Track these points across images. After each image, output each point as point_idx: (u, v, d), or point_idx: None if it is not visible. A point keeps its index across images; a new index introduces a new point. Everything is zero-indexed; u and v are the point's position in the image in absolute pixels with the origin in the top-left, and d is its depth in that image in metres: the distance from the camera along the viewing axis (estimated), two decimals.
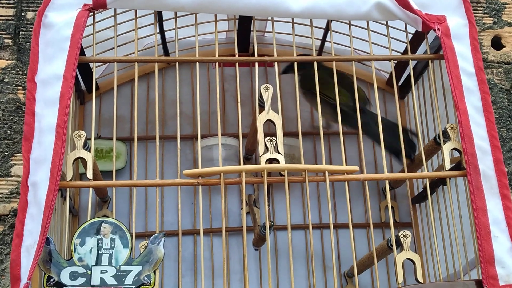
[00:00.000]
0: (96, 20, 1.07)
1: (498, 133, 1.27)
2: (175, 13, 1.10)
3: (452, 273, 1.11)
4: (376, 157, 1.40)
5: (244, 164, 1.32)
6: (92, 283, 0.88)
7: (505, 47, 1.43)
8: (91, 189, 0.98)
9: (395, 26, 1.16)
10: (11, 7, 1.38)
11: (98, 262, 0.89)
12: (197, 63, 1.06)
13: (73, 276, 0.88)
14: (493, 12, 1.44)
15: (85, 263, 0.89)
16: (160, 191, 1.32)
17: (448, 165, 1.02)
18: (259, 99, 1.03)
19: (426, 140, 1.24)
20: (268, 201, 0.97)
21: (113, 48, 1.09)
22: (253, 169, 0.99)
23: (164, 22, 1.23)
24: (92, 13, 1.04)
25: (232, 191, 1.36)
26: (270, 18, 1.12)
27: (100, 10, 1.05)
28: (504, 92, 1.39)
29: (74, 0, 1.02)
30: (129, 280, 0.89)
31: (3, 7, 1.38)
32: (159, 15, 1.18)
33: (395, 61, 1.30)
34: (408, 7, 1.04)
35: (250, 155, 1.34)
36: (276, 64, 1.07)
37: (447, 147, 1.03)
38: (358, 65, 1.42)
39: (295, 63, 1.08)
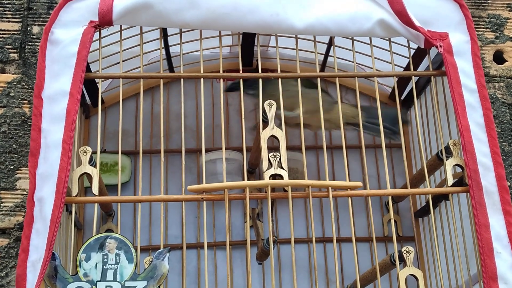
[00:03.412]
0: (101, 36, 1.08)
1: (500, 147, 1.28)
2: (180, 29, 1.12)
3: None
4: (379, 171, 1.41)
5: (248, 177, 1.33)
6: None
7: (507, 61, 1.44)
8: (96, 204, 0.99)
9: (397, 41, 1.17)
10: (17, 22, 1.39)
11: (103, 278, 0.90)
12: (202, 79, 1.07)
13: None
14: (495, 27, 1.45)
15: (91, 279, 0.90)
16: (165, 205, 1.33)
17: (450, 181, 1.03)
18: (262, 115, 1.04)
19: (429, 155, 1.25)
20: (272, 216, 0.98)
21: (119, 62, 1.10)
22: (257, 184, 1.00)
23: (168, 37, 1.24)
24: (98, 30, 1.05)
25: (236, 204, 1.37)
26: (273, 34, 1.13)
27: (106, 26, 1.06)
28: (506, 106, 1.40)
29: (80, 17, 1.03)
30: None
31: (9, 21, 1.39)
32: (164, 30, 1.19)
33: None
34: (410, 24, 1.05)
35: (254, 169, 1.35)
36: (279, 80, 1.08)
37: (449, 163, 1.03)
38: (361, 80, 1.43)
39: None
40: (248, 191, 0.98)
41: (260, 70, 1.09)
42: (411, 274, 0.97)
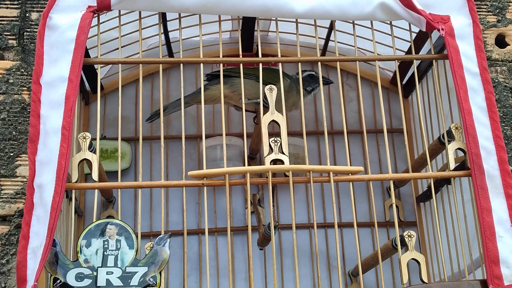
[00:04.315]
0: (100, 21, 1.08)
1: (502, 132, 1.27)
2: (179, 13, 1.11)
3: (457, 272, 1.12)
4: (381, 156, 1.40)
5: (249, 163, 1.32)
6: (98, 285, 0.88)
7: (509, 45, 1.42)
8: (96, 190, 0.99)
9: (399, 25, 1.16)
10: (15, 8, 1.38)
11: (104, 264, 0.90)
12: (201, 64, 1.06)
13: (79, 277, 0.89)
14: (497, 10, 1.44)
15: (91, 265, 0.90)
16: (165, 191, 1.33)
17: (452, 165, 1.02)
18: (263, 100, 1.03)
19: (431, 139, 1.25)
20: (273, 201, 0.97)
21: (118, 48, 1.09)
22: (258, 170, 0.99)
23: (168, 22, 1.23)
24: (96, 15, 1.04)
25: (237, 190, 1.36)
26: (274, 18, 1.12)
27: (104, 11, 1.05)
28: (508, 90, 1.38)
29: (78, 1, 1.02)
30: (135, 281, 0.89)
31: (7, 8, 1.38)
32: (163, 15, 1.18)
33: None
34: (412, 7, 1.04)
35: (254, 155, 1.34)
36: (280, 64, 1.07)
37: (451, 147, 1.03)
38: (362, 64, 1.42)
39: None
40: (249, 176, 0.97)
41: (260, 55, 1.08)
42: (412, 259, 0.97)
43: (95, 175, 0.97)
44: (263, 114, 1.01)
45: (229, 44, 1.41)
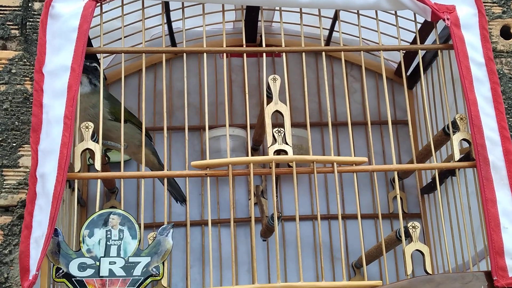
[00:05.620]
0: (103, 11, 1.07)
1: (507, 123, 1.26)
2: (183, 3, 1.10)
3: (461, 264, 1.11)
4: (385, 148, 1.40)
5: (252, 155, 1.32)
6: (100, 275, 0.88)
7: None
8: (99, 180, 0.98)
9: (404, 15, 1.15)
10: None
11: (106, 254, 0.89)
12: (205, 54, 1.06)
13: (82, 267, 0.89)
14: (502, 1, 1.43)
15: (94, 255, 0.89)
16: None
17: (457, 156, 1.01)
18: (267, 90, 1.02)
19: (435, 130, 1.24)
20: (276, 192, 0.97)
21: (120, 38, 1.08)
22: (261, 160, 0.99)
23: (171, 12, 1.22)
24: (99, 4, 1.04)
25: (240, 181, 1.36)
26: (278, 8, 1.11)
27: (107, 0, 1.04)
28: None
29: None
30: (137, 271, 0.89)
31: None
32: (166, 5, 1.18)
33: (404, 51, 1.29)
34: None
35: (258, 146, 1.34)
36: (284, 54, 1.06)
37: (456, 138, 1.02)
38: (366, 55, 1.41)
39: None
40: (252, 166, 0.97)
41: (264, 45, 1.07)
42: (417, 250, 0.96)
43: (97, 165, 0.96)
44: (267, 104, 1.01)
45: (233, 34, 1.40)
